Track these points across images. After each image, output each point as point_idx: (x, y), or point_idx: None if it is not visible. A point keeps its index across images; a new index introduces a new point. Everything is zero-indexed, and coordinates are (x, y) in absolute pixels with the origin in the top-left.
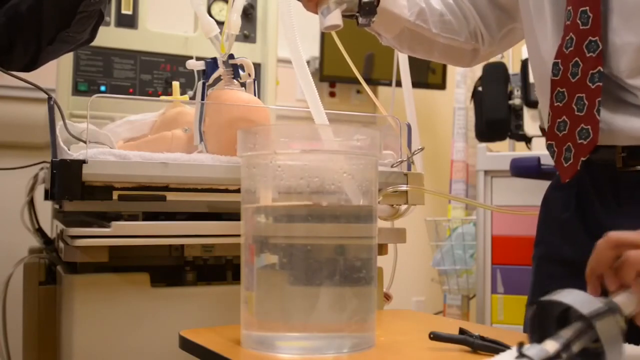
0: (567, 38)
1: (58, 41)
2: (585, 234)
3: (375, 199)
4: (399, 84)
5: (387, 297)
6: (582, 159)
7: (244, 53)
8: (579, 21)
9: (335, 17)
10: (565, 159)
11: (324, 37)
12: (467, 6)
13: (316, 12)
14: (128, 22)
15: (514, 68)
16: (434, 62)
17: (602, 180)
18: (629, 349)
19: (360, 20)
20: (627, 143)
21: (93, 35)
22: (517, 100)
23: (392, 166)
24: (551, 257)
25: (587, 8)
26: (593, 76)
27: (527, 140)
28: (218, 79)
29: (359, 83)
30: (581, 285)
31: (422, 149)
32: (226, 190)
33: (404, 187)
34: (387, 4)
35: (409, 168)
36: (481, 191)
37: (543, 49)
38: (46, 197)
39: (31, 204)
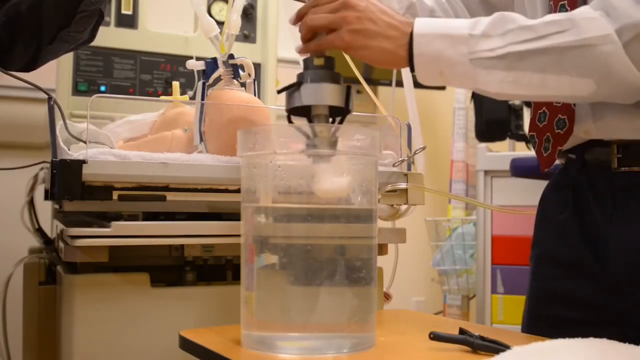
0: None
1: (58, 40)
2: (582, 234)
3: (375, 199)
4: (399, 84)
5: (387, 296)
6: (560, 148)
7: (244, 53)
8: None
9: None
10: (545, 148)
11: None
12: (459, 4)
13: None
14: (128, 22)
15: None
16: None
17: (598, 181)
18: (628, 348)
19: None
20: (619, 136)
21: (93, 34)
22: (517, 101)
23: (393, 165)
24: (548, 257)
25: (565, 2)
26: None
27: (527, 140)
28: (218, 79)
29: (359, 83)
30: (579, 286)
31: (423, 148)
32: (226, 190)
33: (403, 185)
34: None
35: (409, 168)
36: (481, 191)
37: None
38: (46, 197)
39: (31, 204)
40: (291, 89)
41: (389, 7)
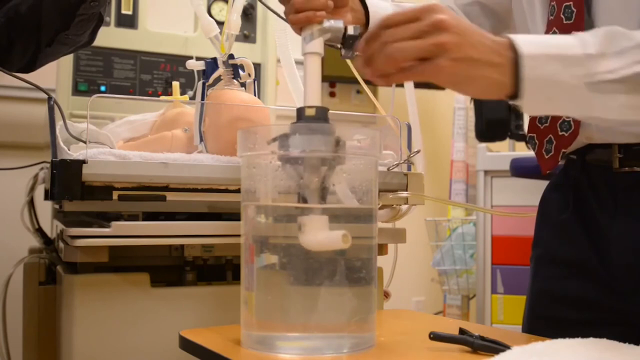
0: (550, 33)
1: (57, 43)
2: (583, 234)
3: (376, 200)
4: (399, 84)
5: (386, 294)
6: (564, 150)
7: (244, 53)
8: (562, 16)
9: (316, 45)
10: (546, 150)
11: None
12: (457, 12)
13: (300, 34)
14: (128, 22)
15: None
16: None
17: (599, 181)
18: (629, 349)
19: (343, 52)
20: (621, 140)
21: (92, 37)
22: None
23: (388, 169)
24: (550, 258)
25: (571, 3)
26: None
27: (527, 140)
28: (218, 79)
29: (359, 83)
30: (581, 286)
31: (418, 152)
32: (226, 190)
33: (405, 194)
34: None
35: (409, 168)
36: (481, 191)
37: None
38: (46, 197)
39: (31, 204)
40: (281, 140)
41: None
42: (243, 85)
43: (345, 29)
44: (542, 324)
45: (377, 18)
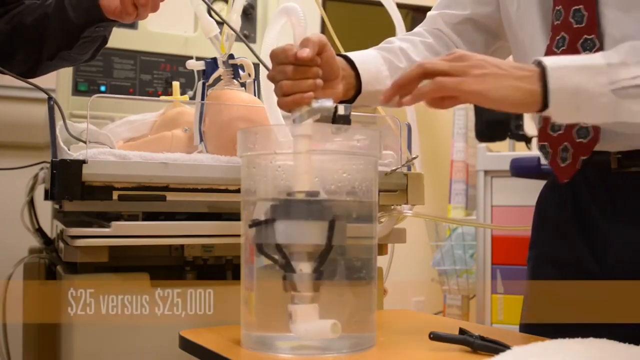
0: (558, 38)
1: (58, 58)
2: (581, 235)
3: (376, 199)
4: None
5: (384, 291)
6: (583, 157)
7: (244, 53)
8: (572, 20)
9: (305, 128)
10: (562, 159)
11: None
12: (452, 38)
13: (289, 112)
14: None
15: None
16: None
17: (597, 182)
18: (628, 348)
19: (334, 130)
20: (621, 149)
21: (94, 55)
22: None
23: (385, 174)
24: (547, 258)
25: (582, 7)
26: None
27: (527, 140)
28: (218, 79)
29: None
30: (579, 286)
31: (415, 158)
32: (226, 190)
33: (408, 214)
34: (370, 85)
35: (409, 168)
36: (481, 191)
37: (533, 56)
38: (46, 197)
39: (31, 204)
40: (265, 224)
41: None
42: (243, 85)
43: (336, 108)
44: (539, 324)
45: (368, 76)
